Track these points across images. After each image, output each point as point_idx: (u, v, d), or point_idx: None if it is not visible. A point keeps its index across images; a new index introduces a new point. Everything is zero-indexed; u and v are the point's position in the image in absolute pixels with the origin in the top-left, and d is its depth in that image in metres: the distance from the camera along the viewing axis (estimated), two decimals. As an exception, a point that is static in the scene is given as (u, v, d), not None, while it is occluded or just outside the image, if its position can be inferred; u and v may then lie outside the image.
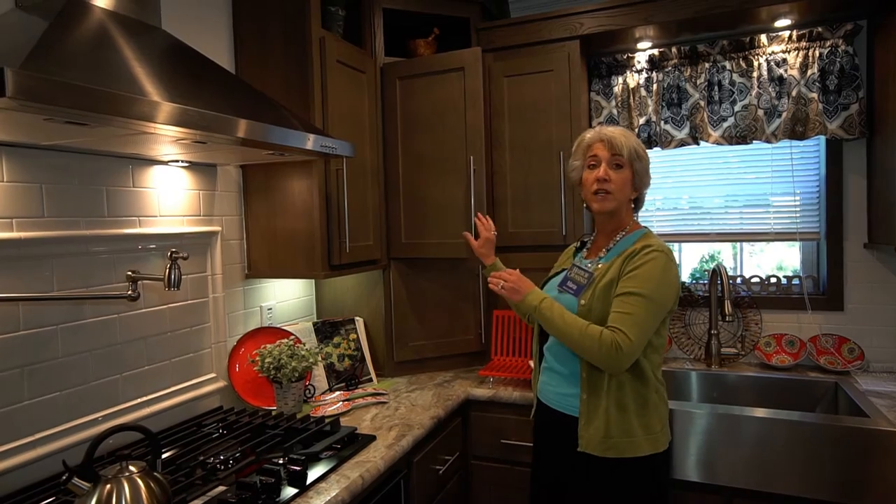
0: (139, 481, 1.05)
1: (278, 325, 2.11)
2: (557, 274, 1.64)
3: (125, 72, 1.12)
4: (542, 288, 1.63)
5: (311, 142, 1.52)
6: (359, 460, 1.50)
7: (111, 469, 1.08)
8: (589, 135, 1.55)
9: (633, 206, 1.59)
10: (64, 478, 1.05)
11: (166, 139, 1.27)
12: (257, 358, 1.83)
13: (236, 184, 1.99)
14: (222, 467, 1.40)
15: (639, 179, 1.53)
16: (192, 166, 1.80)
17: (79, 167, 1.46)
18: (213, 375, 1.85)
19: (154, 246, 1.65)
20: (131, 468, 1.07)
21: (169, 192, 1.72)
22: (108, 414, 1.50)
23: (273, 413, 1.79)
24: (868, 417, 1.66)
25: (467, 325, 2.37)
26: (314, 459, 1.47)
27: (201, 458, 1.44)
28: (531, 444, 1.94)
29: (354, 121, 2.05)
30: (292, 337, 2.01)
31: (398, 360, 2.29)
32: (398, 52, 2.35)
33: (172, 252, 1.53)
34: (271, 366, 1.80)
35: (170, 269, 1.50)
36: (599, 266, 1.49)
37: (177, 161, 1.71)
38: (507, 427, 2.02)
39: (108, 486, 1.03)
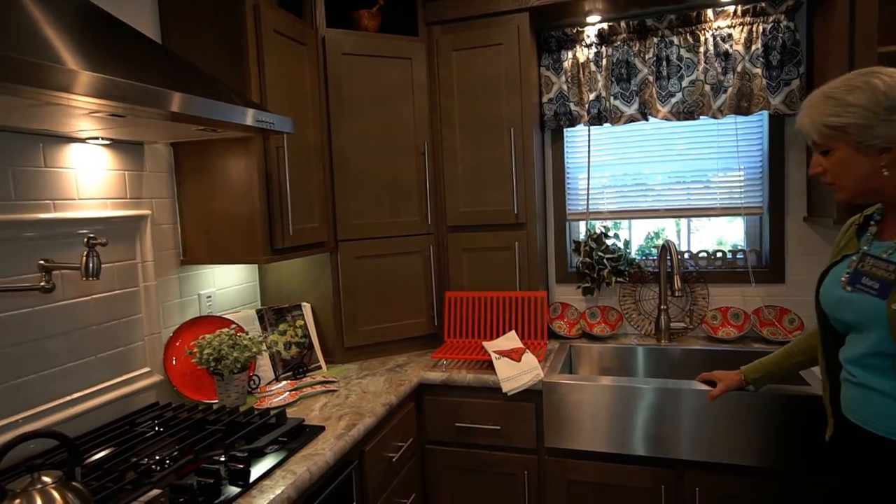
0: (54, 493, 0.95)
1: (218, 314, 2.00)
2: (838, 262, 1.27)
3: (34, 36, 0.98)
4: (821, 282, 1.29)
5: (247, 116, 1.41)
6: (306, 453, 1.42)
7: (21, 481, 0.96)
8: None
9: None
10: (-34, 493, 0.93)
11: (79, 112, 1.13)
12: (195, 349, 1.72)
13: (167, 164, 1.84)
14: (157, 468, 1.30)
15: (864, 137, 1.12)
16: (115, 144, 1.64)
17: (-23, 145, 1.30)
18: (147, 370, 1.73)
19: (74, 232, 1.50)
20: (45, 479, 0.96)
21: (89, 173, 1.57)
22: (25, 417, 1.37)
23: (214, 407, 1.69)
24: (809, 385, 1.71)
25: (419, 308, 2.31)
26: (258, 455, 1.39)
27: (133, 459, 1.33)
28: (486, 427, 1.93)
29: (295, 96, 1.93)
30: (234, 325, 1.91)
31: (348, 346, 2.21)
32: (341, 23, 2.23)
33: (89, 238, 1.39)
34: (211, 357, 1.70)
35: (87, 256, 1.36)
36: None
37: (96, 138, 1.55)
38: (461, 410, 1.99)
39: (17, 500, 0.92)
